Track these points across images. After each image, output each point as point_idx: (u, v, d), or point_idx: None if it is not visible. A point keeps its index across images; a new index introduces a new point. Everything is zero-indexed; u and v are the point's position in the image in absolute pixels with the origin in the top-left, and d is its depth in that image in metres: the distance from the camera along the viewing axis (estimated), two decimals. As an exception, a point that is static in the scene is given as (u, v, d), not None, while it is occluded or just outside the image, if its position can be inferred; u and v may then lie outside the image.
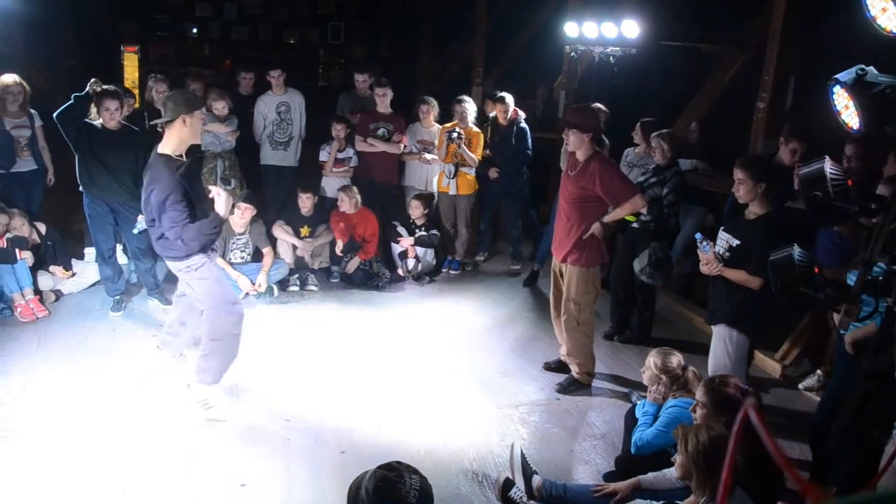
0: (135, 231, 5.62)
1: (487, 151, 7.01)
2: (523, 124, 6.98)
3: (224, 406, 4.35)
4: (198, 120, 4.09)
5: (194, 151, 4.44)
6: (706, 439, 2.85)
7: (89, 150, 5.36)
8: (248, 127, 7.11)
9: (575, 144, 4.61)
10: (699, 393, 3.35)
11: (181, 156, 4.05)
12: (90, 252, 6.45)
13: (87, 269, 6.17)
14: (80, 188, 5.66)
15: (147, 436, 4.04)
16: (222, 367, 4.37)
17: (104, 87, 5.38)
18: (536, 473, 3.65)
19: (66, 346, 5.11)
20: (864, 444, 3.06)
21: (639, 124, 6.16)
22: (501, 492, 3.53)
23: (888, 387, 2.97)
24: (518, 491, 3.53)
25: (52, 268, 5.94)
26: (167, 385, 4.57)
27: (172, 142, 4.01)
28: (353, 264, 6.66)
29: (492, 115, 7.07)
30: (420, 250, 6.86)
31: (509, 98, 6.95)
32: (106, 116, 5.31)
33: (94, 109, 5.43)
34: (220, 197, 4.11)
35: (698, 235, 4.16)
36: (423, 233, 6.90)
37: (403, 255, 6.82)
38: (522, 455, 3.73)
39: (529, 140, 7.04)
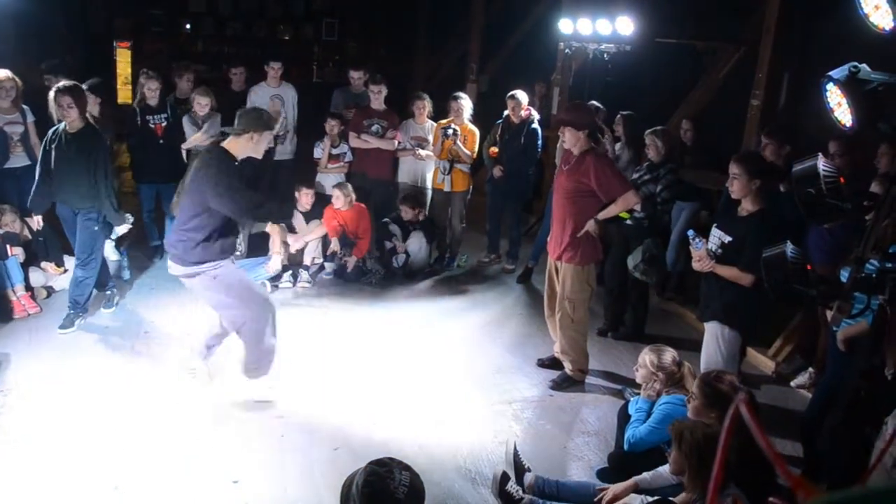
0: (112, 237, 5.54)
1: (496, 149, 6.97)
2: (535, 125, 6.88)
3: (276, 388, 4.49)
4: (265, 140, 4.21)
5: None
6: (700, 436, 2.86)
7: (50, 153, 5.12)
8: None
9: (570, 142, 4.63)
10: (694, 385, 3.36)
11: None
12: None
13: (78, 265, 6.14)
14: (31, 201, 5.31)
15: (140, 432, 4.02)
16: (271, 357, 4.44)
17: (64, 83, 5.11)
18: (529, 471, 3.65)
19: (58, 342, 5.08)
20: (855, 440, 3.07)
21: (619, 117, 6.20)
22: (499, 486, 3.52)
23: (879, 384, 2.99)
24: (514, 485, 3.53)
25: (43, 264, 5.90)
26: (159, 381, 4.55)
27: (235, 148, 4.15)
28: (349, 263, 6.64)
29: (504, 112, 6.98)
30: (413, 247, 6.85)
31: (520, 95, 6.86)
32: (60, 113, 5.01)
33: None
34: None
35: (690, 232, 4.16)
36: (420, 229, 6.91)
37: (392, 251, 6.82)
38: (516, 451, 3.74)
39: (539, 142, 6.96)
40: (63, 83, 5.09)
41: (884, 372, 3.13)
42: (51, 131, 5.18)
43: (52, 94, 5.02)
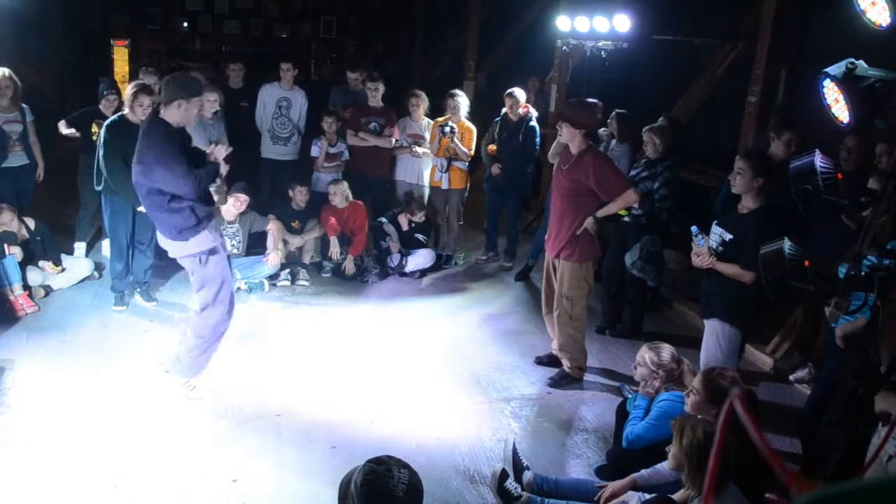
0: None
1: (494, 147, 6.97)
2: (533, 122, 6.88)
3: (204, 383, 4.46)
4: (194, 106, 4.21)
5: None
6: (702, 435, 2.85)
7: (120, 148, 5.19)
8: (241, 120, 7.06)
9: (567, 137, 4.62)
10: (695, 380, 3.36)
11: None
12: (80, 247, 6.42)
13: (76, 264, 6.14)
14: (99, 187, 5.52)
15: (138, 431, 4.02)
16: (205, 363, 4.45)
17: (139, 82, 5.37)
18: (528, 469, 3.64)
19: (56, 341, 5.07)
20: (852, 436, 3.07)
21: (613, 115, 6.21)
22: (497, 483, 3.52)
23: (875, 380, 2.99)
24: (513, 483, 3.53)
25: (41, 263, 5.89)
26: (157, 381, 4.54)
27: (169, 117, 4.18)
28: (349, 264, 6.64)
29: (502, 110, 6.97)
30: (418, 259, 6.86)
31: (518, 92, 6.85)
32: (139, 112, 5.17)
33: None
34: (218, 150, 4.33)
35: (694, 228, 4.15)
36: (418, 236, 6.94)
37: (387, 251, 6.82)
38: (514, 449, 3.73)
39: (538, 139, 6.95)
40: (142, 82, 5.32)
41: (878, 368, 3.13)
42: (107, 128, 5.29)
43: (131, 91, 5.24)
